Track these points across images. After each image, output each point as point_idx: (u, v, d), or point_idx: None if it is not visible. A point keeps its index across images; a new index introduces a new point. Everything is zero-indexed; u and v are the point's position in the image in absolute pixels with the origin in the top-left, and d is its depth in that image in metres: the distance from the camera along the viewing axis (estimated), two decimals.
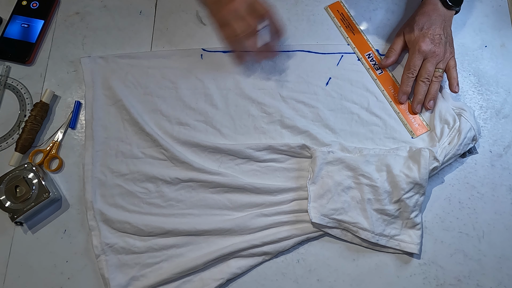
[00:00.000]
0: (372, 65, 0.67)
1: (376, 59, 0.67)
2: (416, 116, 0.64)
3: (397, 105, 0.64)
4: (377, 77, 0.66)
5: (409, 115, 0.64)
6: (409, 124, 0.63)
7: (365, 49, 0.68)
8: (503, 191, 0.60)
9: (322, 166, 0.59)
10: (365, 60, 0.67)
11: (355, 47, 0.68)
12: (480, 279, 0.56)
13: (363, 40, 0.69)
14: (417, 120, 0.63)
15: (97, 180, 0.62)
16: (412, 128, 0.63)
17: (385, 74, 0.66)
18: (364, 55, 0.67)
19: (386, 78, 0.66)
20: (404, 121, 0.64)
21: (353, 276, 0.57)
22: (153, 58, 0.69)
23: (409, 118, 0.64)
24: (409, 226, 0.57)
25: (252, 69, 0.67)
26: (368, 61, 0.67)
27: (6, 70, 0.69)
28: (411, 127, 0.63)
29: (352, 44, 0.68)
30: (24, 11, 0.73)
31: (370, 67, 0.67)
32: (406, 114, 0.64)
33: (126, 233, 0.59)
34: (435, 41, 0.62)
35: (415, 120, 0.63)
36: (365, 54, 0.68)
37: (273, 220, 0.58)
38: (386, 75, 0.66)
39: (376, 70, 0.67)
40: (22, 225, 0.61)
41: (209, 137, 0.64)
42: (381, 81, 0.66)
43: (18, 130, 0.66)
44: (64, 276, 0.59)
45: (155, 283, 0.56)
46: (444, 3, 0.64)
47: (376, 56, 0.67)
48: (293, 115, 0.64)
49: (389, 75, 0.66)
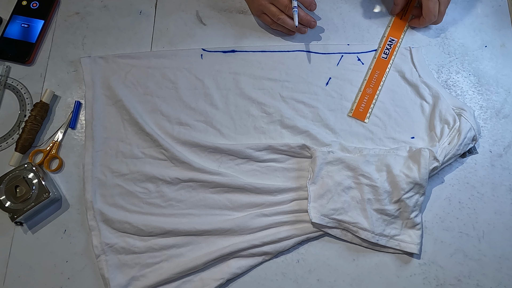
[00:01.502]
0: (385, 49, 0.68)
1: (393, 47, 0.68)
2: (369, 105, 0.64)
3: (365, 87, 0.65)
4: (377, 59, 0.67)
5: (365, 99, 0.65)
6: (356, 104, 0.64)
7: (395, 34, 0.69)
8: (503, 191, 0.60)
9: (322, 166, 0.59)
10: (385, 41, 0.68)
11: (389, 27, 0.69)
12: (480, 279, 0.56)
13: (402, 28, 0.69)
14: (366, 108, 0.64)
15: (97, 180, 0.62)
16: (355, 109, 0.64)
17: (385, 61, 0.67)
18: (388, 37, 0.68)
19: (381, 65, 0.67)
20: (356, 100, 0.65)
21: (353, 276, 0.57)
22: (153, 58, 0.69)
23: (362, 101, 0.65)
24: (409, 226, 0.57)
25: (252, 69, 0.68)
26: (386, 43, 0.68)
27: (6, 70, 0.69)
28: (355, 107, 0.64)
29: (390, 24, 0.70)
30: (24, 11, 0.72)
31: (382, 48, 0.68)
32: (363, 97, 0.65)
33: (126, 233, 0.59)
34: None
35: (365, 107, 0.64)
36: (390, 37, 0.68)
37: (273, 220, 0.58)
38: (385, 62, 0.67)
39: (383, 53, 0.67)
40: (22, 225, 0.61)
41: (209, 137, 0.64)
42: (376, 63, 0.67)
43: (18, 130, 0.66)
44: (64, 276, 0.59)
45: (155, 283, 0.56)
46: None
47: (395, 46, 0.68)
48: (293, 115, 0.64)
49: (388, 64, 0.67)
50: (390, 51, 0.67)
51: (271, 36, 0.70)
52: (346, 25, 0.71)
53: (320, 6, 0.72)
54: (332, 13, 0.72)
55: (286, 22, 0.66)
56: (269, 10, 0.66)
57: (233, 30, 0.71)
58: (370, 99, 0.64)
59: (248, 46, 0.69)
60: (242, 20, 0.72)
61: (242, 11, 0.72)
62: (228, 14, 0.72)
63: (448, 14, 0.71)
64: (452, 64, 0.68)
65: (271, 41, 0.70)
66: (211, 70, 0.68)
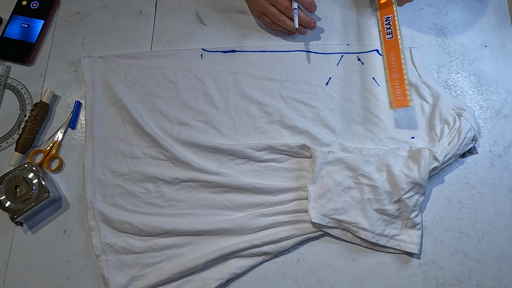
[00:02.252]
0: (386, 28, 0.65)
1: (393, 24, 0.65)
2: (404, 89, 0.62)
3: (390, 73, 0.63)
4: (384, 41, 0.65)
5: (397, 85, 0.62)
6: (392, 94, 0.62)
7: (386, 12, 0.67)
8: (503, 191, 0.60)
9: (322, 166, 0.59)
10: (381, 23, 0.66)
11: (378, 8, 0.68)
12: (480, 279, 0.56)
13: (390, 3, 0.67)
14: (403, 93, 0.62)
15: (97, 180, 0.62)
16: (394, 99, 0.62)
17: (393, 40, 0.65)
18: (382, 17, 0.67)
19: (392, 44, 0.65)
20: (389, 90, 0.63)
21: (353, 276, 0.57)
22: (153, 58, 0.69)
23: (395, 88, 0.62)
24: (409, 226, 0.57)
25: (252, 69, 0.68)
26: (384, 23, 0.66)
27: (6, 70, 0.69)
28: (392, 97, 0.62)
29: (376, 3, 0.68)
30: (24, 11, 0.72)
31: (383, 30, 0.66)
32: (394, 84, 0.62)
33: (126, 233, 0.59)
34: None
35: (401, 93, 0.62)
36: (384, 17, 0.67)
37: (273, 220, 0.58)
38: (394, 42, 0.65)
39: (387, 34, 0.65)
40: (22, 225, 0.61)
41: (209, 137, 0.64)
42: (386, 46, 0.65)
43: (18, 130, 0.66)
44: (64, 276, 0.59)
45: (155, 283, 0.56)
46: None
47: (394, 21, 0.65)
48: (293, 115, 0.64)
49: (397, 42, 0.64)
50: (392, 29, 0.66)
51: (271, 36, 0.70)
52: (346, 25, 0.71)
53: (320, 6, 0.72)
54: (332, 13, 0.72)
55: (286, 23, 0.66)
56: (269, 11, 0.66)
57: (233, 30, 0.71)
58: (401, 82, 0.62)
59: (248, 46, 0.70)
60: (242, 20, 0.72)
61: (242, 11, 0.72)
62: (228, 14, 0.72)
63: (448, 14, 0.71)
64: (452, 64, 0.68)
65: (271, 41, 0.70)
66: (211, 70, 0.68)
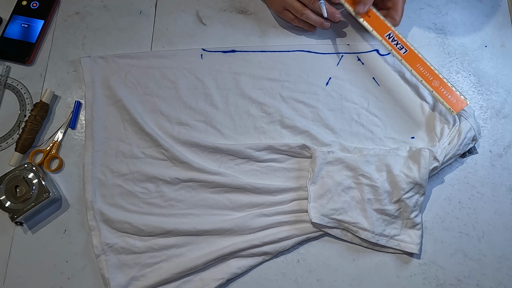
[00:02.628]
0: (395, 45, 0.63)
1: (398, 38, 0.63)
2: (452, 91, 0.59)
3: (430, 84, 0.60)
4: (402, 57, 0.62)
5: (444, 91, 0.60)
6: (446, 101, 0.59)
7: (383, 30, 0.64)
8: (503, 191, 0.60)
9: (322, 166, 0.59)
10: (386, 42, 0.63)
11: (373, 30, 0.64)
12: (480, 279, 0.56)
13: (380, 20, 0.64)
14: (454, 95, 0.59)
15: (97, 180, 0.62)
16: (450, 105, 0.59)
17: (410, 53, 0.62)
18: (384, 36, 0.63)
19: (412, 57, 0.62)
20: (440, 99, 0.60)
21: (353, 276, 0.57)
22: (153, 58, 0.69)
23: (444, 95, 0.59)
24: (409, 226, 0.57)
25: (252, 69, 0.68)
26: (390, 42, 0.63)
27: (6, 70, 0.69)
28: (448, 103, 0.59)
29: (369, 27, 0.64)
30: (24, 11, 0.73)
31: (393, 47, 0.63)
32: (441, 91, 0.60)
33: (126, 233, 0.59)
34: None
35: (452, 96, 0.59)
36: (385, 35, 0.63)
37: (273, 220, 0.58)
38: (411, 54, 0.62)
39: (400, 49, 0.62)
40: (22, 225, 0.61)
41: (209, 137, 0.64)
42: (407, 61, 0.62)
43: (18, 130, 0.66)
44: (64, 276, 0.59)
45: (155, 283, 0.56)
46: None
47: (397, 35, 0.63)
48: (293, 115, 0.64)
49: (414, 52, 0.62)
50: (401, 43, 0.63)
51: (271, 36, 0.70)
52: (346, 25, 0.71)
53: None
54: None
55: (310, 17, 0.66)
56: (292, 6, 0.66)
57: (233, 30, 0.71)
58: (446, 87, 0.60)
59: (248, 46, 0.69)
60: (242, 20, 0.72)
61: (242, 11, 0.72)
62: (228, 14, 0.72)
63: (448, 14, 0.71)
64: (452, 64, 0.68)
65: (271, 41, 0.70)
66: (211, 70, 0.68)
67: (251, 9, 0.73)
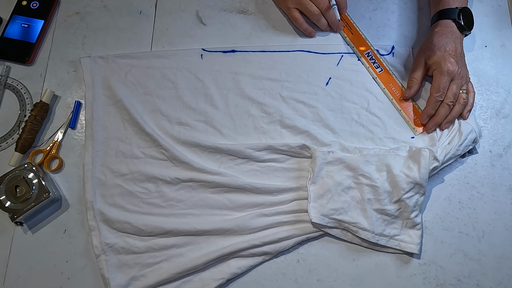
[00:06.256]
0: (372, 63, 0.67)
1: (375, 57, 0.67)
2: (415, 111, 0.64)
3: (399, 103, 0.64)
4: (377, 75, 0.66)
5: (411, 112, 0.64)
6: (411, 121, 0.63)
7: (364, 48, 0.68)
8: (503, 191, 0.60)
9: (322, 166, 0.59)
10: (365, 59, 0.67)
11: (354, 46, 0.68)
12: (480, 279, 0.56)
13: (362, 39, 0.68)
14: (418, 115, 0.63)
15: (97, 180, 0.62)
16: (415, 125, 0.63)
17: (385, 72, 0.66)
18: (363, 54, 0.67)
19: (386, 76, 0.66)
20: (406, 119, 0.64)
21: (353, 276, 0.57)
22: (153, 58, 0.69)
23: (410, 115, 0.64)
24: (409, 226, 0.57)
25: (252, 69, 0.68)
26: (368, 59, 0.67)
27: (6, 70, 0.69)
28: (413, 124, 0.63)
29: (351, 43, 0.68)
30: (24, 11, 0.72)
31: (370, 65, 0.67)
32: (408, 112, 0.64)
33: (126, 233, 0.59)
34: (459, 62, 0.61)
35: (418, 117, 0.63)
36: (365, 53, 0.67)
37: (273, 220, 0.58)
38: (386, 73, 0.66)
39: (376, 68, 0.66)
40: (22, 225, 0.61)
41: (209, 137, 0.64)
42: (381, 80, 0.66)
43: (18, 130, 0.66)
44: (64, 276, 0.59)
45: (155, 283, 0.56)
46: (458, 26, 0.62)
47: (376, 55, 0.67)
48: (293, 115, 0.64)
49: (389, 73, 0.66)
50: (378, 62, 0.67)
51: (271, 36, 0.70)
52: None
53: None
54: None
55: (321, 22, 0.68)
56: (306, 8, 0.67)
57: (233, 30, 0.71)
58: (413, 106, 0.64)
59: (248, 46, 0.69)
60: (242, 20, 0.72)
61: (242, 11, 0.72)
62: (228, 14, 0.72)
63: None
64: None
65: (271, 41, 0.70)
66: (211, 70, 0.68)
67: (251, 9, 0.73)
